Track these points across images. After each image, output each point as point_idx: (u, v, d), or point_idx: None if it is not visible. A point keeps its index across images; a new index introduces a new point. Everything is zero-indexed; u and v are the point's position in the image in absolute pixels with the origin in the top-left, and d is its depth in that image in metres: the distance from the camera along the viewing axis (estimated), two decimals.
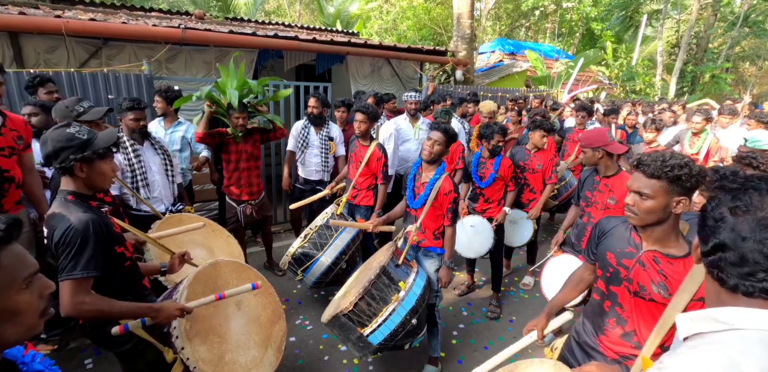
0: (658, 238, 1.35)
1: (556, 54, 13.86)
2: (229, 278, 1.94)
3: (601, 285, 1.49)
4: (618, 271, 1.42)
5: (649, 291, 1.34)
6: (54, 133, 1.42)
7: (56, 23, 3.89)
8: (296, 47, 5.40)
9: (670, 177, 1.28)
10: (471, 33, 8.69)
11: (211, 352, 1.69)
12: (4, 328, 0.68)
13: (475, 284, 3.85)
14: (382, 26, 15.21)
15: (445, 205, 2.38)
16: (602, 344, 1.47)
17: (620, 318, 1.42)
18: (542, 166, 3.52)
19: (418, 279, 2.28)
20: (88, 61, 4.47)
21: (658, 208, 1.30)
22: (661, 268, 1.33)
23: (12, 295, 0.69)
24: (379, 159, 3.25)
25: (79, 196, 1.46)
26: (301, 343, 2.92)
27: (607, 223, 1.53)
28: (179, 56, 4.95)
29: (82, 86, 3.79)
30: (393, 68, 7.01)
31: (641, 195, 1.32)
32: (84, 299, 1.36)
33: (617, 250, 1.44)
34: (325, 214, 3.13)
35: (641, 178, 1.33)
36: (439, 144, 2.36)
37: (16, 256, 0.69)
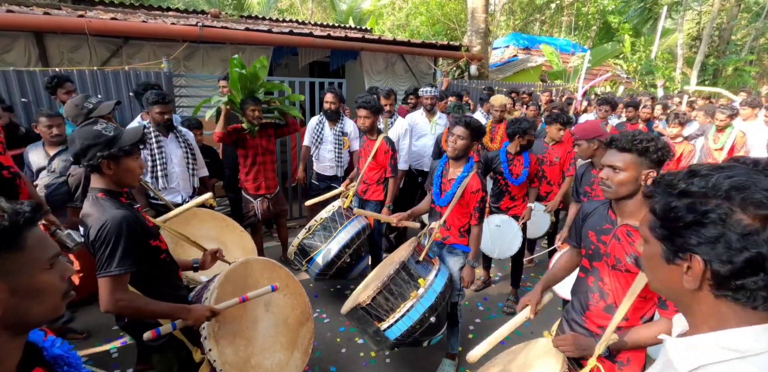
0: (631, 212, 1.44)
1: (572, 48, 13.60)
2: (259, 277, 1.92)
3: (585, 262, 1.59)
4: (598, 248, 1.52)
5: (624, 263, 1.43)
6: (81, 131, 1.45)
7: (79, 23, 3.99)
8: (311, 44, 5.42)
9: (639, 149, 1.39)
10: (485, 27, 8.60)
11: (237, 355, 1.68)
12: (30, 307, 0.71)
13: (491, 279, 3.83)
14: (394, 23, 15.15)
15: (472, 203, 2.33)
16: (588, 320, 1.55)
17: (602, 292, 1.51)
18: (560, 158, 3.48)
19: (440, 276, 2.24)
20: (110, 59, 4.58)
21: (629, 180, 1.40)
22: (633, 240, 1.41)
23: (37, 274, 0.71)
24: (387, 152, 3.23)
25: (109, 194, 1.48)
26: (319, 336, 2.95)
27: (589, 206, 1.64)
28: (197, 54, 5.03)
29: (104, 84, 3.89)
30: (407, 64, 6.99)
31: (614, 169, 1.43)
32: (122, 296, 1.39)
33: (597, 227, 1.54)
34: (331, 208, 3.14)
35: (614, 153, 1.45)
36: (463, 138, 2.30)
37: (39, 238, 0.72)
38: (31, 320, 0.72)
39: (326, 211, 3.11)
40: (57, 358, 0.81)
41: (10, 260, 0.67)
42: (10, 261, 0.67)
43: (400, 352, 2.81)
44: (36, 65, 4.13)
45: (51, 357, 0.81)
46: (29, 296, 0.69)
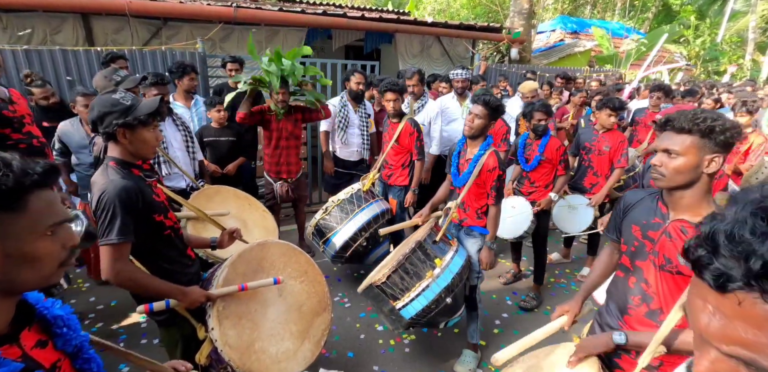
0: (688, 205, 1.24)
1: (625, 32, 12.60)
2: (276, 261, 1.84)
3: (626, 261, 1.40)
4: (643, 245, 1.33)
5: (675, 263, 1.24)
6: (100, 99, 1.45)
7: (121, 4, 4.09)
8: (344, 25, 5.30)
9: (701, 129, 1.16)
10: (529, 8, 8.09)
11: (240, 338, 1.62)
12: (22, 272, 0.68)
13: (522, 273, 3.65)
14: (435, 7, 14.66)
15: (489, 182, 2.25)
16: (626, 325, 1.37)
17: (646, 295, 1.32)
18: (610, 147, 3.20)
19: (457, 257, 2.21)
20: (150, 40, 4.69)
21: (688, 167, 1.19)
22: (689, 237, 1.13)
23: (34, 239, 0.68)
24: (412, 134, 3.10)
25: (120, 163, 1.47)
26: (339, 320, 2.92)
27: (633, 196, 1.44)
28: (232, 35, 5.06)
29: (142, 63, 3.99)
30: (443, 47, 6.72)
31: (669, 153, 1.21)
32: (123, 267, 1.38)
33: (642, 222, 1.34)
34: (350, 189, 3.06)
35: (669, 135, 1.22)
36: (480, 117, 2.22)
37: (45, 202, 0.69)
38: (22, 286, 0.70)
39: (344, 192, 3.04)
40: (56, 318, 0.80)
41: (7, 222, 0.64)
42: (7, 223, 0.64)
43: (419, 341, 2.73)
44: (83, 46, 4.30)
45: (51, 317, 0.80)
46: (23, 261, 0.67)
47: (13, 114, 2.10)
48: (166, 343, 1.71)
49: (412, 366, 2.53)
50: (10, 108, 2.11)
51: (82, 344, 0.84)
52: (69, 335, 0.81)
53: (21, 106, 2.20)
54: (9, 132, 2.09)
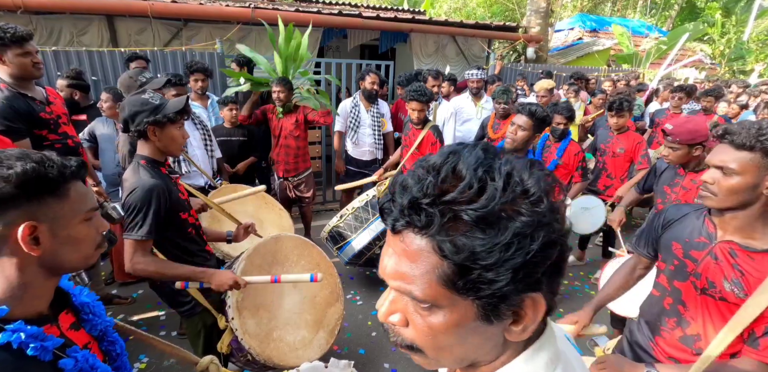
0: (739, 227, 1.12)
1: (646, 30, 12.29)
2: (289, 254, 1.91)
3: (663, 280, 1.30)
4: (684, 265, 1.23)
5: (719, 288, 1.14)
6: (131, 99, 1.53)
7: (143, 6, 4.21)
8: (360, 25, 5.33)
9: (766, 147, 1.03)
10: (547, 6, 7.97)
11: (259, 327, 1.68)
12: (67, 252, 0.78)
13: None
14: (451, 6, 14.57)
15: None
16: (657, 347, 1.29)
17: (682, 318, 1.24)
18: (624, 149, 3.15)
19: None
20: (171, 41, 4.81)
21: (744, 188, 1.07)
22: (737, 262, 1.12)
23: (76, 223, 0.78)
24: (434, 143, 3.06)
25: (150, 162, 1.55)
26: (351, 317, 2.96)
27: (677, 211, 1.32)
28: (249, 36, 5.14)
29: (163, 63, 4.10)
30: (458, 46, 6.69)
31: (724, 170, 1.09)
32: (139, 260, 1.45)
33: (685, 240, 1.23)
34: (365, 196, 3.05)
35: (727, 150, 1.10)
36: (524, 129, 2.05)
37: (81, 191, 0.79)
38: (66, 265, 0.79)
39: (359, 200, 3.04)
40: (84, 305, 0.89)
41: (55, 207, 0.74)
42: (55, 208, 0.74)
43: None
44: (107, 46, 4.44)
45: (79, 303, 0.89)
46: (67, 243, 0.77)
47: (49, 116, 2.18)
48: (189, 333, 1.79)
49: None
50: (47, 109, 2.18)
51: (106, 329, 0.92)
52: (95, 320, 0.89)
53: (57, 106, 2.27)
54: (46, 133, 2.16)
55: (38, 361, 0.71)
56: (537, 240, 0.40)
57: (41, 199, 0.72)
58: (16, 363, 0.68)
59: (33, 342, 0.70)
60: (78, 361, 0.75)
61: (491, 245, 0.39)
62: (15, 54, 1.99)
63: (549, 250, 0.42)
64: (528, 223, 0.40)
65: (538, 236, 0.40)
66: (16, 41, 1.96)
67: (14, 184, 0.68)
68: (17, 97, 2.06)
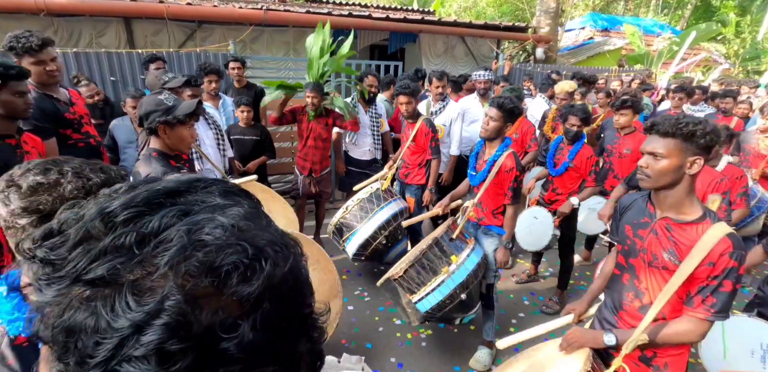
0: (672, 204, 1.32)
1: (659, 29, 12.14)
2: None
3: (621, 259, 1.49)
4: (634, 243, 1.41)
5: (660, 259, 1.33)
6: (148, 98, 1.66)
7: (159, 8, 4.34)
8: (370, 26, 5.41)
9: (684, 133, 1.24)
10: (556, 7, 7.95)
11: None
12: None
13: (539, 274, 3.66)
14: (461, 5, 14.55)
15: (506, 183, 2.30)
16: (621, 320, 1.45)
17: (638, 291, 1.41)
18: (631, 150, 3.17)
19: (473, 255, 2.28)
20: (186, 42, 4.94)
21: (671, 169, 1.27)
22: (672, 234, 1.32)
23: None
24: (427, 134, 3.16)
25: (161, 154, 1.67)
26: (359, 313, 3.04)
27: (628, 199, 1.53)
28: (262, 37, 5.25)
29: (178, 64, 4.21)
30: (467, 47, 6.72)
31: (655, 156, 1.29)
32: None
33: (634, 221, 1.43)
34: (369, 189, 3.14)
35: (655, 139, 1.31)
36: (495, 120, 2.26)
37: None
38: None
39: (364, 192, 3.13)
40: None
41: None
42: None
43: (435, 336, 2.81)
44: (124, 48, 4.58)
45: None
46: None
47: (73, 116, 2.29)
48: None
49: (428, 360, 2.61)
50: (71, 110, 2.29)
51: None
52: None
53: (79, 107, 2.38)
54: (70, 133, 2.27)
55: None
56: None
57: None
58: None
59: None
60: None
61: None
62: (29, 62, 2.08)
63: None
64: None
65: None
66: (27, 51, 2.05)
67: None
68: (44, 98, 2.17)
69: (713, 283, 1.22)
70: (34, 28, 4.12)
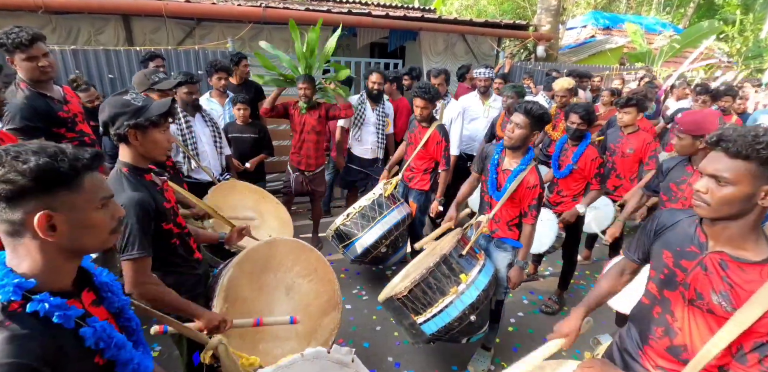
0: (731, 238, 1.09)
1: (661, 27, 12.06)
2: (284, 260, 1.80)
3: (653, 288, 1.28)
4: (674, 274, 1.20)
5: (707, 300, 1.11)
6: (112, 100, 1.43)
7: (158, 5, 4.32)
8: (370, 23, 5.38)
9: (762, 156, 0.99)
10: (558, 4, 7.90)
11: (243, 339, 1.59)
12: (84, 238, 0.84)
13: (539, 274, 3.65)
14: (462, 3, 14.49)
15: (527, 200, 2.13)
16: (645, 356, 1.28)
17: (670, 328, 1.22)
18: (634, 150, 3.13)
19: (483, 273, 2.11)
20: (184, 40, 4.92)
21: (739, 198, 1.03)
22: (727, 274, 1.09)
23: (90, 211, 0.84)
24: (439, 142, 3.02)
25: (132, 170, 1.45)
26: (356, 312, 3.03)
27: (670, 217, 1.28)
28: (261, 34, 5.22)
29: (177, 62, 4.19)
30: (468, 45, 6.69)
31: (718, 180, 1.05)
32: (147, 280, 1.40)
33: (677, 248, 1.20)
34: (372, 195, 3.03)
35: (721, 159, 1.05)
36: (521, 127, 2.05)
37: (95, 181, 0.84)
38: (84, 248, 0.87)
39: (366, 198, 3.03)
40: (103, 284, 0.97)
41: (69, 197, 0.80)
42: (69, 197, 0.80)
43: None
44: (123, 45, 4.56)
45: (99, 282, 0.96)
46: (83, 229, 0.83)
47: (67, 114, 2.24)
48: (174, 340, 1.74)
49: (425, 359, 2.60)
50: (65, 108, 2.25)
51: (123, 306, 0.99)
52: (113, 298, 0.97)
53: (74, 105, 2.34)
54: (64, 131, 2.23)
55: (62, 328, 0.79)
56: None
57: (55, 191, 0.78)
58: (45, 330, 0.76)
59: (57, 311, 0.78)
60: (97, 330, 0.83)
61: None
62: (20, 58, 2.04)
63: None
64: None
65: None
66: (17, 47, 1.99)
67: (29, 178, 0.74)
68: (36, 97, 2.12)
69: None
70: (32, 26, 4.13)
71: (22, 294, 0.76)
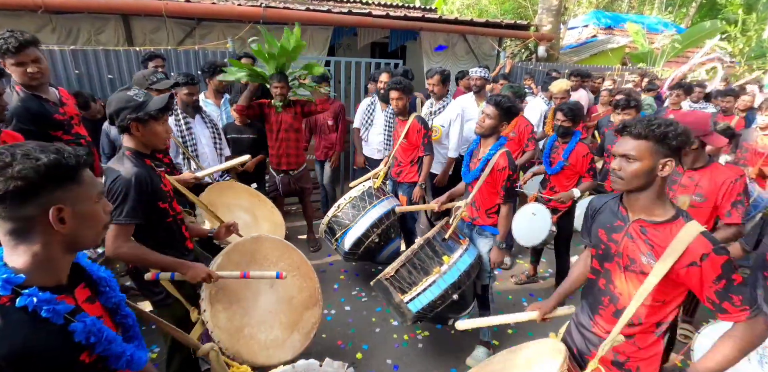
0: (644, 206, 1.31)
1: (663, 27, 12.01)
2: (269, 254, 1.94)
3: (596, 263, 1.47)
4: (609, 247, 1.40)
5: (639, 263, 1.31)
6: (117, 95, 1.61)
7: (158, 5, 4.30)
8: (370, 23, 5.36)
9: (656, 135, 1.23)
10: (559, 4, 7.87)
11: (231, 322, 1.69)
12: (84, 230, 0.89)
13: (538, 276, 3.64)
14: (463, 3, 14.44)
15: (499, 182, 2.29)
16: (596, 325, 1.45)
17: (613, 295, 1.40)
18: None
19: (465, 256, 2.29)
20: (184, 40, 4.90)
21: (644, 171, 1.26)
22: (648, 237, 1.30)
23: (91, 203, 0.89)
24: (419, 131, 3.13)
25: (135, 153, 1.63)
26: (355, 313, 3.02)
27: (599, 201, 1.52)
28: (261, 34, 5.19)
29: (176, 62, 4.19)
30: (469, 45, 6.67)
31: (627, 158, 1.28)
32: (122, 244, 1.53)
33: (607, 225, 1.42)
34: (361, 187, 3.11)
35: (627, 141, 1.29)
36: (491, 117, 2.26)
37: (91, 176, 0.90)
38: (81, 242, 0.90)
39: (356, 190, 3.10)
40: (101, 279, 1.01)
41: (75, 191, 0.85)
42: (75, 191, 0.85)
43: (432, 338, 2.80)
44: (123, 45, 4.55)
45: (97, 277, 1.00)
46: (84, 221, 0.88)
47: (63, 117, 2.24)
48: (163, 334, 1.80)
49: (424, 361, 2.59)
50: (60, 111, 2.24)
51: (119, 302, 1.03)
52: (110, 294, 1.00)
53: (69, 107, 2.33)
54: (61, 134, 2.23)
55: (51, 323, 0.81)
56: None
57: (65, 185, 0.83)
58: (32, 323, 0.79)
59: (45, 305, 0.80)
60: (87, 324, 0.85)
61: None
62: (10, 63, 2.05)
63: None
64: None
65: None
66: (5, 53, 2.01)
67: (43, 174, 0.78)
68: (31, 99, 2.12)
69: (723, 282, 1.18)
70: (32, 26, 4.13)
71: (11, 289, 0.79)
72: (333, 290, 3.31)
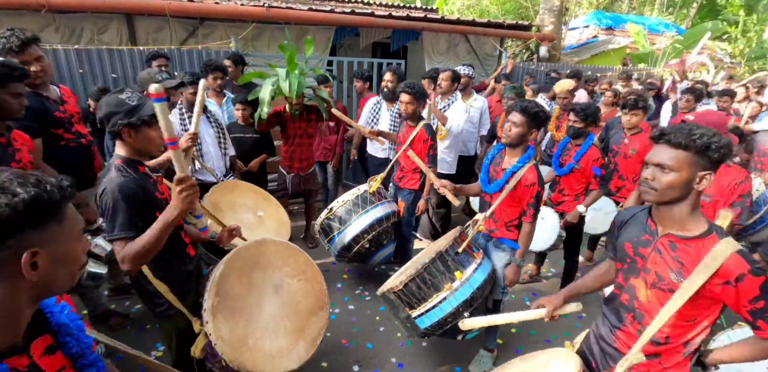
0: (675, 220, 1.23)
1: (664, 28, 12.04)
2: (272, 258, 1.87)
3: (620, 278, 1.40)
4: (635, 261, 1.33)
5: (667, 281, 1.23)
6: (108, 99, 1.46)
7: (161, 5, 4.31)
8: (372, 23, 5.37)
9: (698, 145, 1.14)
10: (560, 5, 7.89)
11: (233, 333, 1.62)
12: (59, 272, 0.75)
13: (541, 275, 3.64)
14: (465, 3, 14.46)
15: (526, 198, 2.13)
16: (618, 340, 1.38)
17: (637, 313, 1.32)
18: (636, 151, 3.14)
19: (479, 271, 2.14)
20: (187, 39, 4.91)
21: (680, 183, 1.17)
22: (677, 254, 1.22)
23: (71, 242, 0.76)
24: (426, 141, 3.00)
25: (127, 162, 1.50)
26: (359, 312, 3.03)
27: (626, 213, 1.44)
28: (264, 34, 5.21)
29: (180, 61, 4.19)
30: (470, 45, 6.67)
31: (663, 168, 1.19)
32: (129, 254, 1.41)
33: (634, 239, 1.34)
34: (356, 191, 3.04)
35: (664, 149, 1.20)
36: (518, 126, 2.08)
37: (73, 212, 0.78)
38: (53, 288, 0.76)
39: (350, 193, 3.03)
40: (61, 327, 0.84)
41: (55, 230, 0.72)
42: (55, 231, 0.72)
43: (437, 337, 2.79)
44: (126, 45, 4.55)
45: (56, 324, 0.84)
46: (61, 263, 0.75)
47: (63, 115, 2.22)
48: (163, 335, 1.74)
49: (428, 360, 2.60)
50: (61, 108, 2.23)
51: (83, 351, 0.87)
52: (71, 343, 0.85)
53: (70, 105, 2.31)
54: (61, 132, 2.21)
55: None
56: None
57: (44, 224, 0.70)
58: None
59: None
60: None
61: None
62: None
63: None
64: None
65: None
66: (8, 52, 1.97)
67: (21, 211, 0.65)
68: (32, 96, 2.09)
69: (761, 303, 1.12)
70: (35, 25, 4.13)
71: None
72: (336, 289, 3.31)
